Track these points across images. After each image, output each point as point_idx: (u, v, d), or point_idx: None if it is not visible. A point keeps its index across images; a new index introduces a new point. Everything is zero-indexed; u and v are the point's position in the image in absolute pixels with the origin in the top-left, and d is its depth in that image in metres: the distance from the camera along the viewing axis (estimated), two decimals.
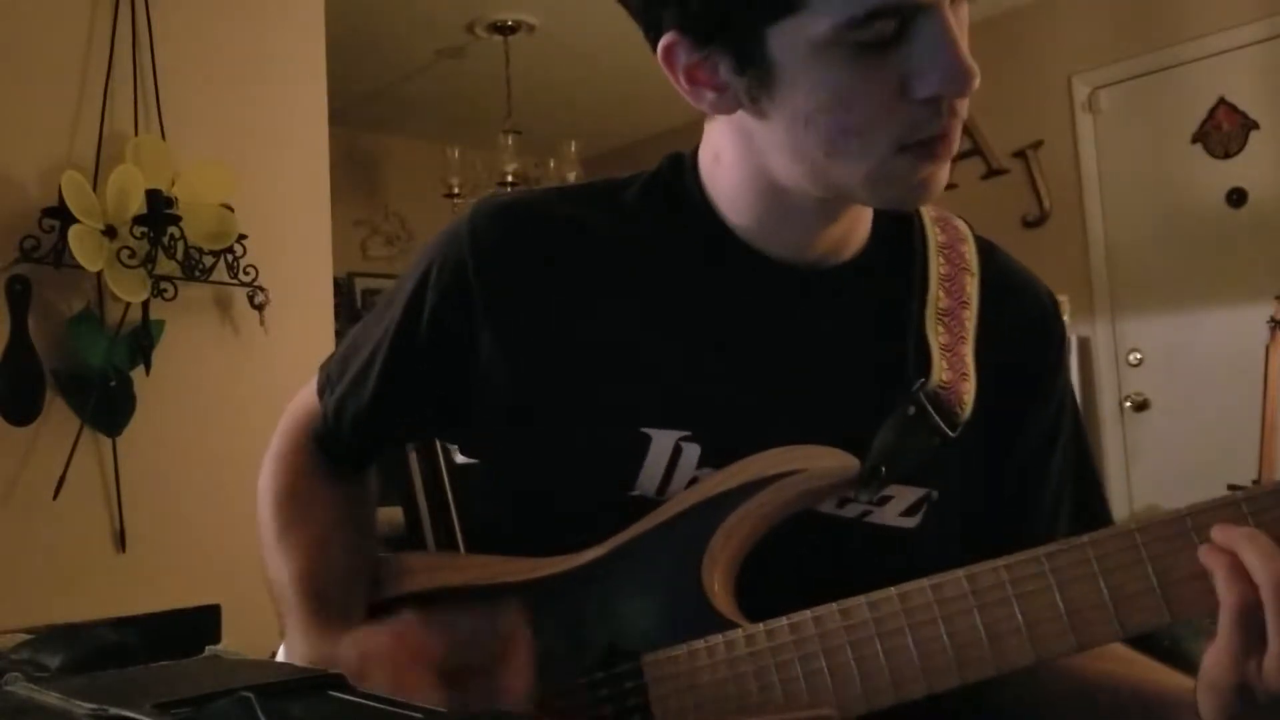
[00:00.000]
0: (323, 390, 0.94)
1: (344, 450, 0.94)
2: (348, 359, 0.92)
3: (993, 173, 4.13)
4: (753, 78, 0.71)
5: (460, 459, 1.26)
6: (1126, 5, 3.85)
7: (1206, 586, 0.59)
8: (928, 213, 0.87)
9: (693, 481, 0.77)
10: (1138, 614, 0.60)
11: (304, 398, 0.98)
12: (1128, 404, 3.84)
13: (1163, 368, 3.78)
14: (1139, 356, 3.84)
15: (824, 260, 0.82)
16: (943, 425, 0.75)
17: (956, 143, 0.72)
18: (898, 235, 0.85)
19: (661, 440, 0.77)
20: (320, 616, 0.81)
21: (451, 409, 0.87)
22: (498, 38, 4.08)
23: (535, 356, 0.81)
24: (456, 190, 4.32)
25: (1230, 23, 3.59)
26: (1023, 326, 0.85)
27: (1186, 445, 3.59)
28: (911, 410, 0.75)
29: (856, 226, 0.83)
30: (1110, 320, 3.89)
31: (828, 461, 0.73)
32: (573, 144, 4.29)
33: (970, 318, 0.81)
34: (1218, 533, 0.60)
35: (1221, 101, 3.63)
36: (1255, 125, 3.57)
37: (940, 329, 0.79)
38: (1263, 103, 3.56)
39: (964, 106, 0.71)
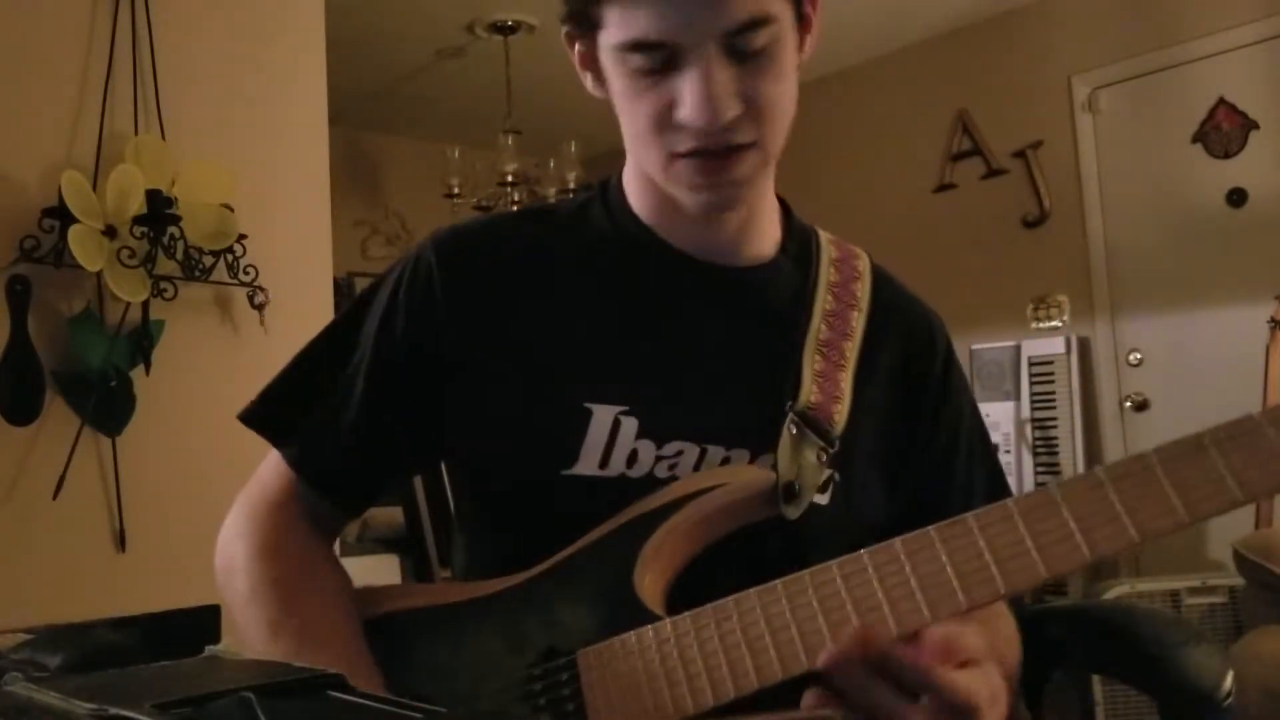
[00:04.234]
0: (282, 438, 1.00)
1: (339, 482, 0.96)
2: (308, 396, 0.98)
3: (993, 173, 4.13)
4: (598, 72, 0.88)
5: None
6: (1126, 5, 3.86)
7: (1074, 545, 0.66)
8: (830, 251, 0.98)
9: (633, 453, 0.85)
10: (1018, 574, 0.67)
11: (259, 484, 1.03)
12: (1128, 404, 3.85)
13: (1163, 368, 3.78)
14: (1139, 356, 3.84)
15: (728, 258, 0.93)
16: (818, 440, 0.85)
17: (737, 165, 0.83)
18: (799, 257, 0.96)
19: (602, 414, 0.86)
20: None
21: (430, 411, 0.92)
22: (498, 38, 4.09)
23: (492, 349, 0.90)
24: (456, 190, 4.32)
25: (1230, 23, 3.60)
26: (908, 340, 0.97)
27: None
28: (794, 430, 0.84)
29: (748, 230, 0.93)
30: (1110, 320, 3.89)
31: (743, 478, 0.81)
32: (573, 144, 4.29)
33: (852, 349, 0.91)
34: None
35: (1221, 101, 3.64)
36: (1255, 125, 3.58)
37: (818, 358, 0.89)
38: (1263, 103, 3.56)
39: (738, 133, 0.81)
